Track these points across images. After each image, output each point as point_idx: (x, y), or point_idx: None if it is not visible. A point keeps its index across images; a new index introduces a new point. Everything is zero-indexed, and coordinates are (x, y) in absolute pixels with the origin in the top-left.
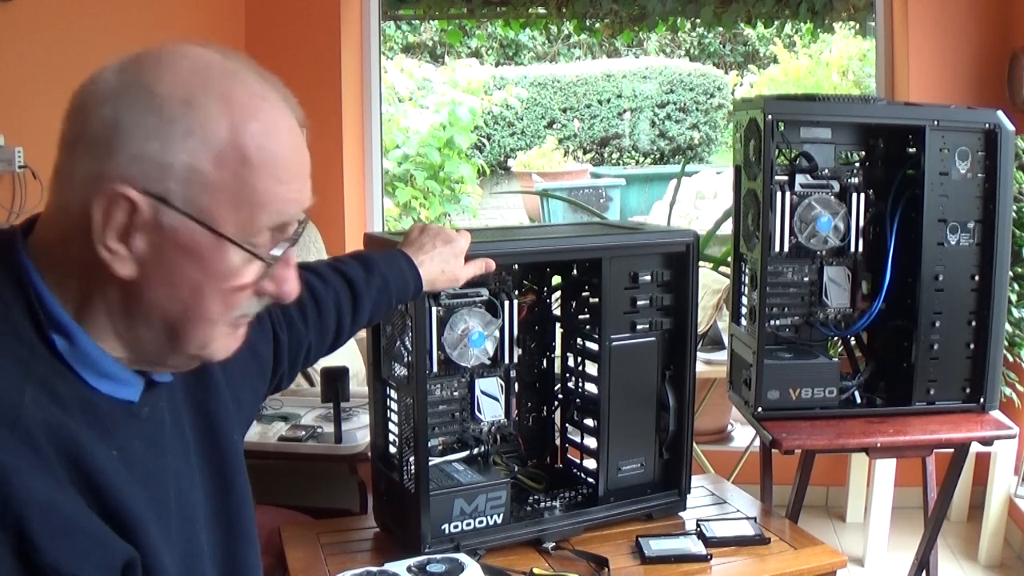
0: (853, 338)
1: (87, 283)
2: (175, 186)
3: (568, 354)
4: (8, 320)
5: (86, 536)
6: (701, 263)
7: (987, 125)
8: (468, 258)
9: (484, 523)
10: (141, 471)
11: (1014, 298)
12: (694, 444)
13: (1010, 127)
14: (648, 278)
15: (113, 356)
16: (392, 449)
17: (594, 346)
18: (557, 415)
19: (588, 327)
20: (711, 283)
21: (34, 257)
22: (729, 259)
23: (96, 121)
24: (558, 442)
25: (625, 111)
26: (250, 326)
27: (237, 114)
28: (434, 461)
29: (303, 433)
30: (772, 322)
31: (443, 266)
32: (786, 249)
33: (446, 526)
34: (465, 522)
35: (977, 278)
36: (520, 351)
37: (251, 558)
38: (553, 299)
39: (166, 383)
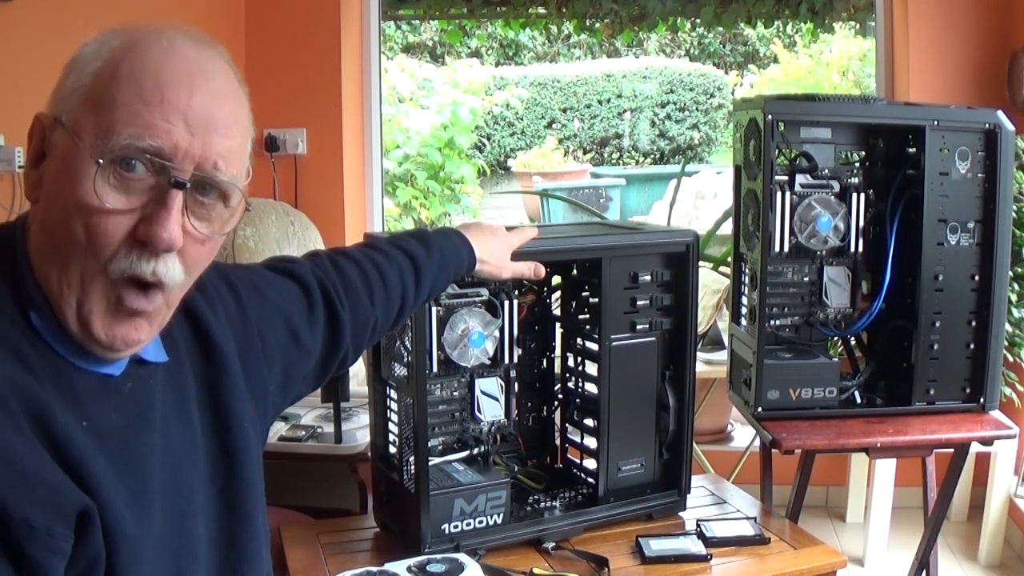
0: (853, 338)
1: (43, 235)
2: (65, 105)
3: (568, 354)
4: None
5: (40, 483)
6: (701, 263)
7: (987, 125)
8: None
9: (484, 523)
10: (115, 443)
11: (1014, 298)
12: (694, 444)
13: (1010, 127)
14: (648, 278)
15: (95, 331)
16: (392, 449)
17: (594, 346)
18: (557, 415)
19: (588, 327)
20: (711, 283)
21: (29, 241)
22: (729, 259)
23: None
24: (558, 442)
25: (625, 111)
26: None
27: (126, 41)
28: (434, 461)
29: (303, 433)
30: (772, 322)
31: (491, 252)
32: (786, 249)
33: (446, 526)
34: (465, 522)
35: (977, 278)
36: (520, 351)
37: (256, 545)
38: (553, 299)
39: (161, 363)
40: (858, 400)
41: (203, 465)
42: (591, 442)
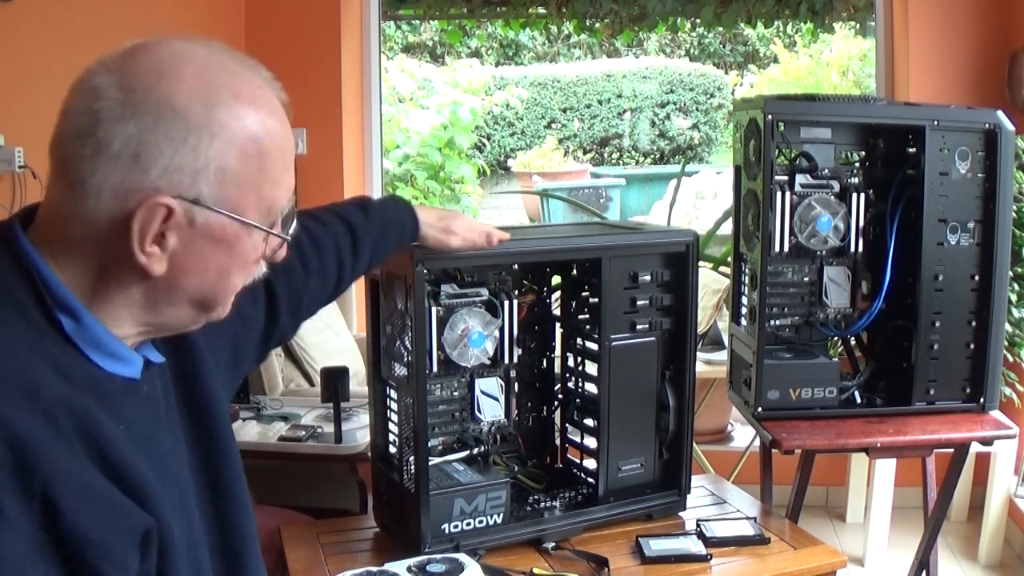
0: (853, 338)
1: (106, 276)
2: (206, 187)
3: (568, 354)
4: (15, 303)
5: (109, 504)
6: (701, 263)
7: (987, 125)
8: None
9: (484, 523)
10: (145, 446)
11: (1014, 298)
12: (694, 444)
13: (1010, 127)
14: (648, 278)
15: (117, 335)
16: (392, 449)
17: (594, 346)
18: (557, 415)
19: (588, 327)
20: (711, 283)
21: (37, 245)
22: (729, 259)
23: (118, 139)
24: (558, 442)
25: (625, 111)
26: None
27: (249, 109)
28: (434, 461)
29: (303, 433)
30: (772, 322)
31: (439, 223)
32: (786, 249)
33: (446, 526)
34: (465, 522)
35: (977, 278)
36: (520, 351)
37: (247, 524)
38: (553, 299)
39: (158, 363)
40: (858, 400)
41: (186, 454)
42: (591, 442)
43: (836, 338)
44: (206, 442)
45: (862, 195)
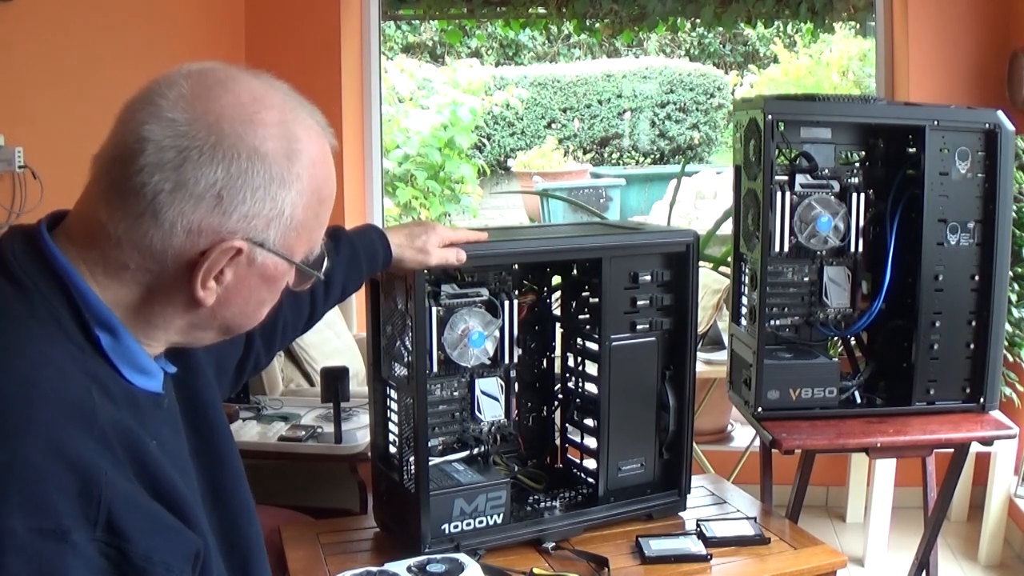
0: (853, 338)
1: (152, 301)
2: (275, 232)
3: (568, 354)
4: (55, 318)
5: (166, 528)
6: (701, 263)
7: (987, 125)
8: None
9: (484, 523)
10: (176, 460)
11: (1014, 298)
12: (694, 444)
13: (1010, 127)
14: (648, 278)
15: (146, 350)
16: (392, 449)
17: (594, 346)
18: (557, 415)
19: (588, 327)
20: (711, 283)
21: (74, 260)
22: (729, 259)
23: (204, 180)
24: (558, 442)
25: (625, 111)
26: None
27: (320, 162)
28: (434, 461)
29: (303, 433)
30: (772, 322)
31: (412, 240)
32: (786, 249)
33: (446, 526)
34: (465, 522)
35: (977, 278)
36: (520, 351)
37: (252, 529)
38: (553, 299)
39: (172, 374)
40: (858, 400)
41: (193, 462)
42: (591, 442)
43: (836, 338)
44: (206, 449)
45: (862, 195)
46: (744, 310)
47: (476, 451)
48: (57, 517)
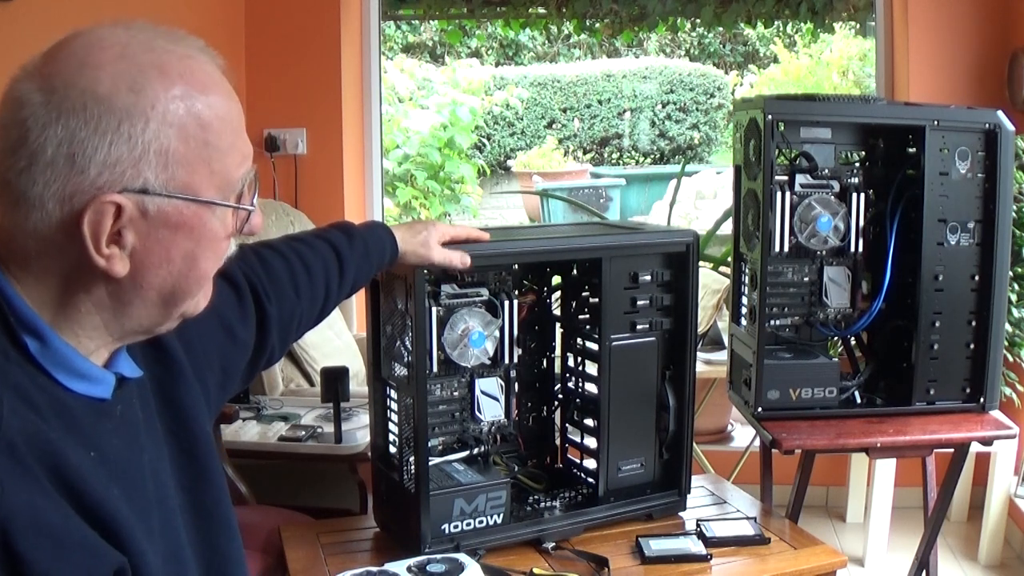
0: (853, 338)
1: (69, 288)
2: (151, 174)
3: (568, 354)
4: None
5: (76, 546)
6: (701, 263)
7: (987, 125)
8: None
9: (484, 523)
10: (119, 470)
11: (1014, 298)
12: (694, 444)
13: (1010, 127)
14: (648, 278)
15: (82, 353)
16: (392, 449)
17: (594, 346)
18: (557, 415)
19: (588, 327)
20: (711, 283)
21: (15, 278)
22: (729, 259)
23: (50, 144)
24: (558, 442)
25: (625, 111)
26: (216, 280)
27: (179, 83)
28: (434, 461)
29: (303, 433)
30: (772, 322)
31: (415, 236)
32: (786, 249)
33: (446, 526)
34: (465, 522)
35: (977, 278)
36: (520, 351)
37: (232, 546)
38: (553, 299)
39: (136, 378)
40: (858, 400)
41: (172, 474)
42: (591, 442)
43: (836, 338)
44: (187, 463)
45: (862, 195)
46: (744, 310)
47: (476, 451)
48: None
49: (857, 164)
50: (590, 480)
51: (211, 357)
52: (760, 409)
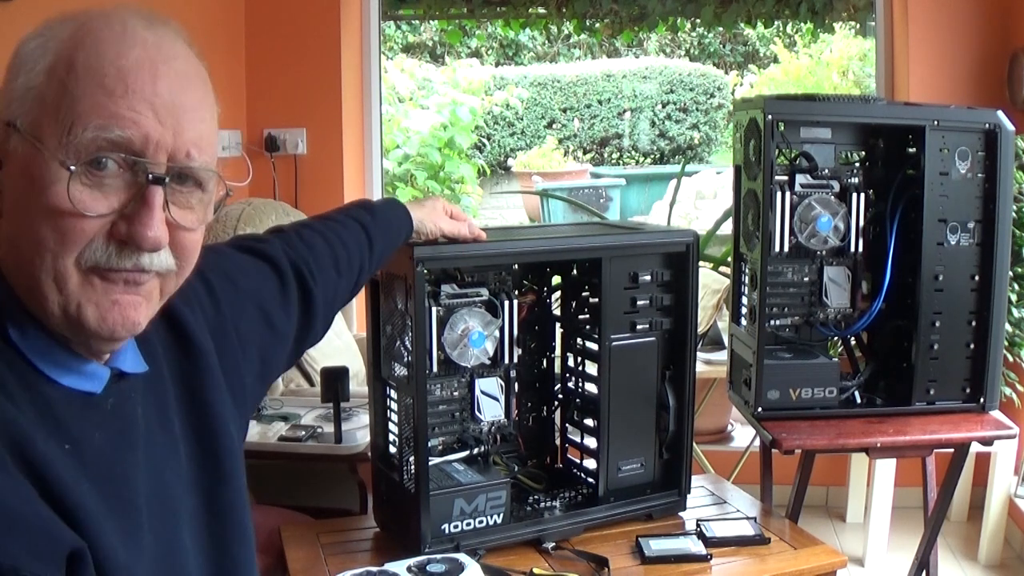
0: (853, 338)
1: (13, 246)
2: (17, 108)
3: (568, 354)
4: None
5: (28, 527)
6: (701, 263)
7: (987, 125)
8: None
9: (484, 523)
10: (99, 465)
11: (1014, 298)
12: (694, 444)
13: (1010, 127)
14: (648, 278)
15: (73, 345)
16: (392, 449)
17: (594, 346)
18: (557, 415)
19: (588, 327)
20: (711, 283)
21: None
22: (729, 259)
23: None
24: (558, 442)
25: (625, 111)
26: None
27: (77, 32)
28: (434, 461)
29: (303, 433)
30: (772, 322)
31: (423, 209)
32: (786, 249)
33: (446, 526)
34: (465, 522)
35: (977, 278)
36: (520, 351)
37: (245, 552)
38: (553, 299)
39: (140, 373)
40: (858, 400)
41: (186, 473)
42: (591, 442)
43: (836, 338)
44: (207, 462)
45: (862, 195)
46: (744, 310)
47: (476, 451)
48: None
49: (857, 164)
50: (590, 480)
51: (249, 348)
52: (760, 409)
